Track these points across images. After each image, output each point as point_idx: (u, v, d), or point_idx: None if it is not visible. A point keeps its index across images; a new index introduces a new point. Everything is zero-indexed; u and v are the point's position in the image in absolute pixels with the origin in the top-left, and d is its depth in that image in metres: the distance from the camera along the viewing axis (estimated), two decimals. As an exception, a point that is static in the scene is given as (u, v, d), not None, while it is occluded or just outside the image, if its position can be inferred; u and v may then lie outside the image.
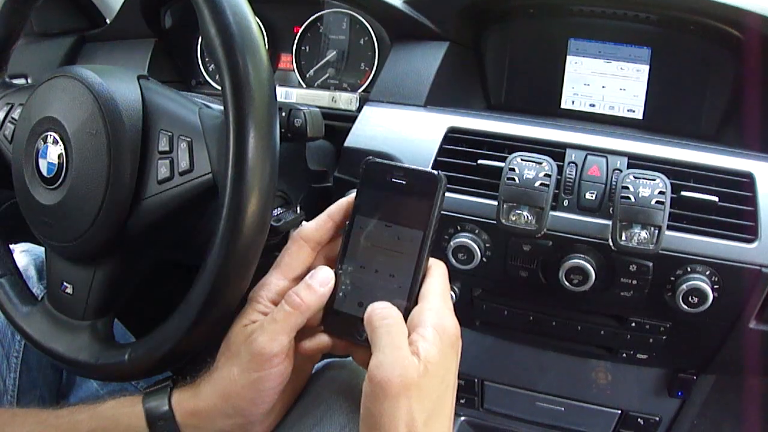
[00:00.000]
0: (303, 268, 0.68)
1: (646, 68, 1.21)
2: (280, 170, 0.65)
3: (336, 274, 0.66)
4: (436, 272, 0.66)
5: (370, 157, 0.67)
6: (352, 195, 0.68)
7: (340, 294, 0.66)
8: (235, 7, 0.64)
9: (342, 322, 0.66)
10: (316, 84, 1.36)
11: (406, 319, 0.62)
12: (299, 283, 0.67)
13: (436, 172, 0.65)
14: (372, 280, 0.65)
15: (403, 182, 0.65)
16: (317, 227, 0.68)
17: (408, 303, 0.63)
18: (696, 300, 0.89)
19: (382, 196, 0.66)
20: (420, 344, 0.59)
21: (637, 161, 0.95)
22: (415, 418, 0.57)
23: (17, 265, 0.87)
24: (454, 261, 0.96)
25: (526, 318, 1.06)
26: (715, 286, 0.91)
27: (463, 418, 1.30)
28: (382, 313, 0.61)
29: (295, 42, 1.36)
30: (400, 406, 0.56)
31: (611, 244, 0.88)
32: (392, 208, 0.65)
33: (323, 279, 0.65)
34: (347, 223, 0.67)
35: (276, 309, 0.64)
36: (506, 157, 0.93)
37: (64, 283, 0.76)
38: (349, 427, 0.68)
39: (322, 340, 0.67)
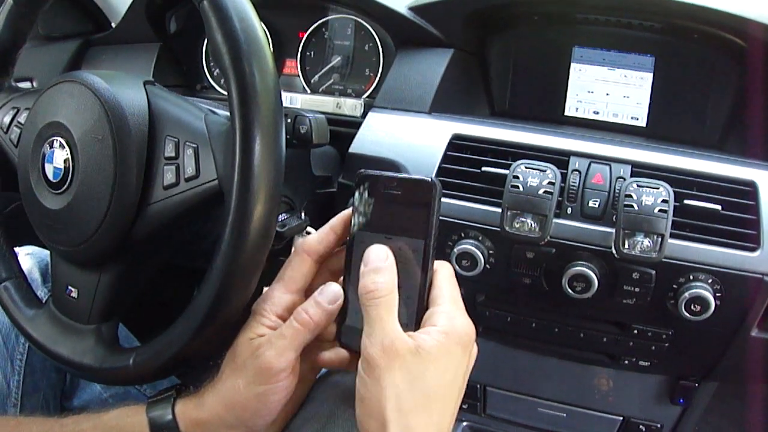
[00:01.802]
0: (306, 281, 0.69)
1: (650, 76, 1.21)
2: (285, 176, 0.65)
3: (344, 288, 0.66)
4: (443, 274, 0.65)
5: (362, 170, 0.66)
6: None
7: (350, 308, 0.66)
8: (241, 13, 0.64)
9: (355, 335, 0.65)
10: (320, 89, 1.37)
11: (418, 326, 0.62)
12: (302, 295, 0.67)
13: (429, 178, 0.64)
14: None
15: (398, 192, 0.64)
16: (320, 240, 0.68)
17: (418, 310, 0.63)
18: (698, 308, 0.89)
19: (379, 209, 0.65)
20: (421, 335, 0.59)
21: (640, 169, 0.95)
22: (403, 398, 0.57)
23: (22, 269, 0.87)
24: (457, 267, 0.96)
25: (529, 324, 1.06)
26: (718, 295, 0.91)
27: (465, 424, 1.30)
28: (370, 293, 0.61)
29: (300, 47, 1.36)
30: (386, 378, 0.57)
31: (614, 251, 0.88)
32: (390, 219, 0.65)
33: (332, 296, 0.65)
34: (348, 238, 0.67)
35: (285, 325, 0.64)
36: (510, 165, 0.93)
37: (69, 287, 0.77)
38: (353, 433, 0.68)
39: (341, 353, 0.67)
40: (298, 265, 0.68)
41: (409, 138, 1.07)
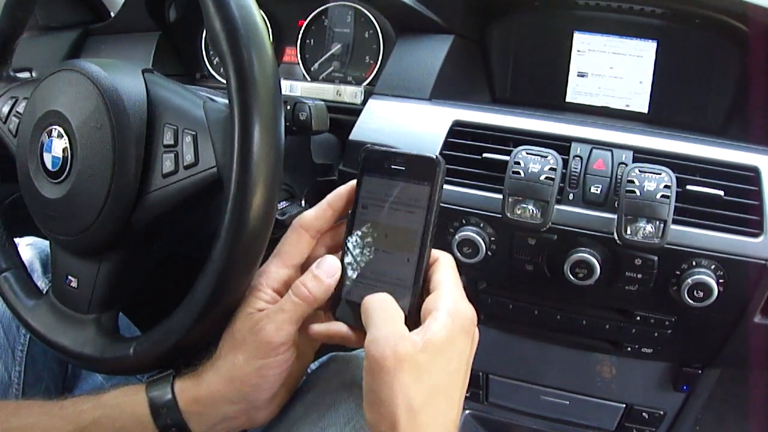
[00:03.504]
0: (302, 256, 0.69)
1: (652, 62, 1.20)
2: (285, 164, 0.65)
3: (342, 262, 0.67)
4: (445, 262, 0.65)
5: (369, 145, 0.68)
6: (351, 183, 0.68)
7: (347, 282, 0.66)
8: (239, 0, 0.63)
9: (350, 310, 0.66)
10: (320, 77, 1.36)
11: (414, 306, 0.62)
12: (299, 270, 0.68)
13: (434, 155, 0.64)
14: (377, 268, 0.65)
15: (403, 168, 0.65)
16: (317, 215, 0.69)
17: (414, 289, 0.63)
18: (701, 294, 0.89)
19: (383, 184, 0.66)
20: (430, 325, 0.59)
21: (642, 155, 0.95)
22: (412, 396, 0.57)
23: (22, 259, 0.87)
24: (459, 254, 0.96)
25: (531, 312, 1.06)
26: (721, 281, 0.90)
27: (467, 412, 1.30)
28: (375, 297, 0.62)
29: (300, 35, 1.36)
30: (396, 381, 0.56)
31: (616, 238, 0.88)
32: (393, 194, 0.65)
33: (330, 269, 0.65)
34: (350, 211, 0.68)
35: (283, 299, 0.65)
36: (511, 151, 0.93)
37: (69, 277, 0.77)
38: (355, 420, 0.68)
39: (335, 326, 0.67)
40: (294, 241, 0.68)
41: (409, 125, 1.06)
